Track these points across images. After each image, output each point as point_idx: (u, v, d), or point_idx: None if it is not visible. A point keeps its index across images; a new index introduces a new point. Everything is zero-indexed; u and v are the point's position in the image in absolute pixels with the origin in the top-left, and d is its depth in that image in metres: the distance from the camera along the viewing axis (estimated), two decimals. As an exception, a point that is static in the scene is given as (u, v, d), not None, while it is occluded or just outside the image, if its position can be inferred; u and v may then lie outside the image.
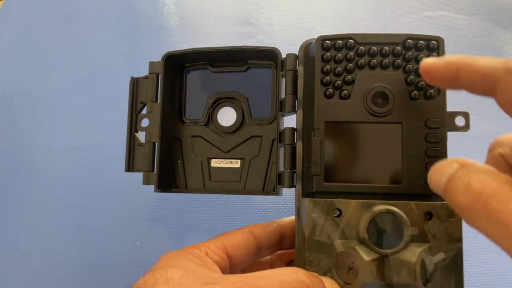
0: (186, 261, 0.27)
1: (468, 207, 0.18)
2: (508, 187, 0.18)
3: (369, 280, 0.26)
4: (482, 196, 0.18)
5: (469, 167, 0.19)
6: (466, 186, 0.19)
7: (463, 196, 0.19)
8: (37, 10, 0.69)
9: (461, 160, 0.20)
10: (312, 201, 0.28)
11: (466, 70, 0.22)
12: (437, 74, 0.24)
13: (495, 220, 0.17)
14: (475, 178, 0.19)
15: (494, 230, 0.17)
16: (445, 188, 0.20)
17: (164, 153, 0.38)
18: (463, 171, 0.19)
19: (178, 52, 0.38)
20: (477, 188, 0.18)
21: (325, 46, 0.30)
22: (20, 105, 0.60)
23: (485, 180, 0.18)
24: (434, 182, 0.21)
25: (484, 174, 0.19)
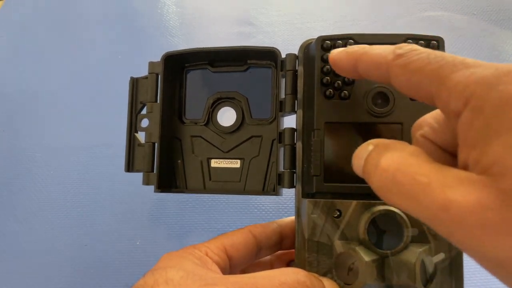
0: (186, 262, 0.27)
1: (381, 186, 0.18)
2: (414, 159, 0.18)
3: (369, 281, 0.26)
4: (389, 172, 0.18)
5: (380, 147, 0.19)
6: (375, 165, 0.19)
7: (375, 176, 0.19)
8: (37, 10, 0.69)
9: (375, 141, 0.20)
10: (312, 201, 0.28)
11: (363, 60, 0.22)
12: (340, 65, 0.24)
13: (405, 194, 0.17)
14: (383, 156, 0.19)
15: (407, 204, 0.17)
16: (363, 171, 0.20)
17: (164, 153, 0.38)
18: (375, 151, 0.19)
19: (178, 52, 0.38)
20: (384, 165, 0.18)
21: (325, 46, 0.30)
22: (20, 105, 0.60)
23: (391, 156, 0.18)
24: (355, 168, 0.21)
25: (393, 150, 0.19)
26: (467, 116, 0.16)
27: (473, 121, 0.16)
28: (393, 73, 0.20)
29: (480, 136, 0.15)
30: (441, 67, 0.17)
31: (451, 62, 0.17)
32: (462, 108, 0.16)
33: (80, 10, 0.68)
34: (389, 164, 0.18)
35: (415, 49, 0.19)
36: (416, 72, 0.19)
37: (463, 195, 0.15)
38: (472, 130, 0.16)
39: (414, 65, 0.19)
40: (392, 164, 0.18)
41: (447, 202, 0.15)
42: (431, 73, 0.18)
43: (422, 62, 0.18)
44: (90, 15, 0.67)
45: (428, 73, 0.18)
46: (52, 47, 0.64)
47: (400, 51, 0.20)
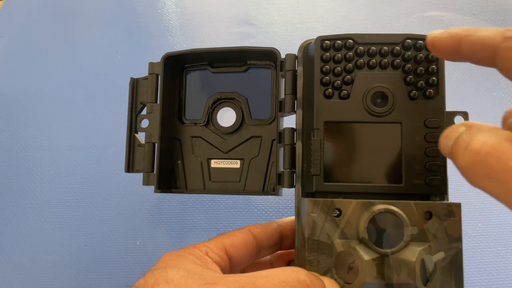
0: (186, 261, 0.27)
1: (468, 166, 0.18)
2: (507, 143, 0.17)
3: (369, 280, 0.26)
4: (481, 154, 0.18)
5: (473, 128, 0.19)
6: (466, 146, 0.19)
7: (463, 156, 0.19)
8: (37, 10, 0.69)
9: (467, 122, 0.20)
10: (312, 201, 0.28)
11: (468, 41, 0.22)
12: (441, 46, 0.24)
13: (494, 177, 0.17)
14: (475, 138, 0.18)
15: (495, 188, 0.17)
16: (451, 152, 0.20)
17: (164, 153, 0.38)
18: (466, 133, 0.19)
19: (178, 53, 0.38)
20: (476, 147, 0.18)
21: (324, 46, 0.30)
22: (20, 105, 0.60)
23: (484, 139, 0.18)
24: (442, 148, 0.21)
25: (485, 133, 0.19)
26: None
27: None
28: (500, 55, 0.20)
29: None
30: None
31: None
32: None
33: (80, 10, 0.68)
34: (481, 146, 0.18)
35: None
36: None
37: None
38: None
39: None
40: (484, 146, 0.18)
41: None
42: None
43: None
44: (90, 15, 0.67)
45: None
46: (52, 47, 0.64)
47: (510, 33, 0.19)
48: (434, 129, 0.29)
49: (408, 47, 0.30)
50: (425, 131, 0.29)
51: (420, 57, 0.29)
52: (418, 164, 0.29)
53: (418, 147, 0.29)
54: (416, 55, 0.30)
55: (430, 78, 0.29)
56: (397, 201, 0.27)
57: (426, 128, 0.29)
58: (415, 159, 0.29)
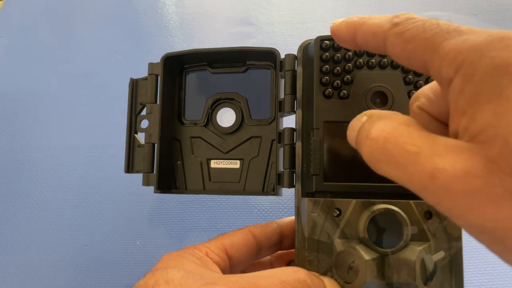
0: (186, 262, 0.27)
1: (370, 155, 0.18)
2: (404, 127, 0.17)
3: (369, 279, 0.26)
4: (379, 142, 0.18)
5: (373, 117, 0.19)
6: (366, 135, 0.19)
7: (365, 146, 0.19)
8: (37, 10, 0.69)
9: (369, 112, 0.20)
10: (312, 200, 0.28)
11: (361, 30, 0.22)
12: (340, 35, 0.24)
13: (394, 163, 0.17)
14: (375, 126, 0.18)
15: (397, 174, 0.17)
16: (356, 142, 0.20)
17: (163, 154, 0.38)
18: (368, 122, 0.19)
19: (177, 53, 0.38)
20: (375, 135, 0.18)
21: (323, 46, 0.30)
22: (20, 105, 0.60)
23: (382, 126, 0.18)
24: (349, 140, 0.21)
25: (384, 120, 0.19)
26: (457, 83, 0.16)
27: (464, 88, 0.16)
28: (389, 42, 0.20)
29: (470, 103, 0.15)
30: (435, 35, 0.17)
31: (445, 30, 0.17)
32: (453, 76, 0.16)
33: (80, 10, 0.68)
34: (379, 134, 0.18)
35: (411, 18, 0.19)
36: (411, 40, 0.18)
37: (451, 163, 0.15)
38: (462, 97, 0.16)
39: (409, 33, 0.19)
40: (382, 134, 0.18)
41: (435, 171, 0.15)
42: (425, 41, 0.18)
43: (417, 30, 0.18)
44: (90, 15, 0.67)
45: (422, 41, 0.18)
46: (52, 47, 0.64)
47: (397, 19, 0.20)
48: (433, 129, 0.29)
49: (407, 46, 0.30)
50: None
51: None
52: None
53: None
54: (416, 54, 0.30)
55: (429, 77, 0.29)
56: (397, 201, 0.27)
57: None
58: None
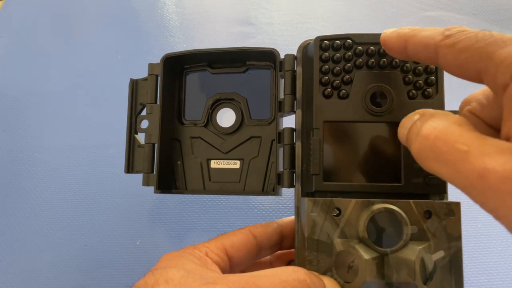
0: (186, 262, 0.27)
1: (419, 152, 0.19)
2: (455, 126, 0.18)
3: (369, 279, 0.26)
4: (430, 139, 0.18)
5: (426, 115, 0.20)
6: (417, 132, 0.19)
7: (415, 142, 0.19)
8: (37, 10, 0.69)
9: (421, 110, 0.21)
10: (312, 200, 0.28)
11: (412, 41, 0.23)
12: (390, 45, 0.25)
13: (443, 161, 0.17)
14: (426, 124, 0.19)
15: (445, 172, 0.17)
16: (406, 140, 0.21)
17: (163, 154, 0.38)
18: (420, 120, 0.20)
19: (177, 54, 0.38)
20: (426, 132, 0.19)
21: (323, 46, 0.30)
22: (20, 105, 0.60)
23: (434, 124, 0.19)
24: (400, 137, 0.22)
25: (436, 118, 0.19)
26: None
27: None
28: (441, 53, 0.20)
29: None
30: (489, 44, 0.18)
31: (499, 39, 0.18)
32: (509, 81, 0.17)
33: (80, 10, 0.68)
34: (431, 132, 0.18)
35: (464, 30, 0.20)
36: (464, 51, 0.19)
37: (501, 164, 0.15)
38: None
39: (462, 44, 0.19)
40: (433, 131, 0.18)
41: (485, 170, 0.15)
42: (479, 50, 0.18)
43: (470, 40, 0.19)
44: (90, 15, 0.67)
45: (475, 51, 0.18)
46: (52, 47, 0.64)
47: (449, 32, 0.20)
48: (433, 129, 0.29)
49: (407, 46, 0.30)
50: None
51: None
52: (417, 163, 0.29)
53: None
54: (415, 54, 0.30)
55: (429, 77, 0.29)
56: (397, 200, 0.27)
57: None
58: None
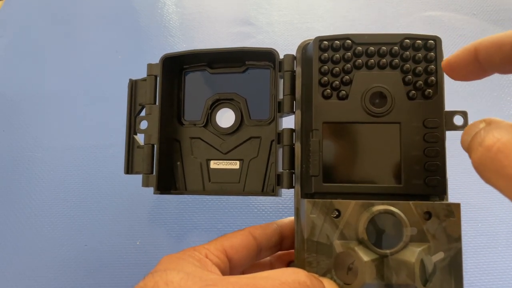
0: (186, 264, 0.27)
1: (480, 162, 0.18)
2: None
3: (369, 281, 0.26)
4: (492, 151, 0.18)
5: (492, 125, 0.19)
6: (480, 142, 0.19)
7: (476, 152, 0.19)
8: (37, 10, 0.69)
9: (488, 119, 0.20)
10: (311, 201, 0.28)
11: (483, 46, 0.22)
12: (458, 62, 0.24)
13: (503, 174, 0.17)
14: (490, 134, 0.18)
15: (504, 186, 0.17)
16: (468, 147, 0.20)
17: (163, 155, 0.38)
18: (485, 129, 0.19)
19: (176, 54, 0.38)
20: (488, 143, 0.18)
21: (322, 47, 0.30)
22: (20, 105, 0.60)
23: (499, 135, 0.18)
24: (462, 143, 0.21)
25: (501, 130, 0.18)
26: None
27: None
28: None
29: None
30: None
31: None
32: None
33: (80, 10, 0.68)
34: (494, 143, 0.18)
35: None
36: None
37: None
38: None
39: None
40: (496, 143, 0.18)
41: None
42: None
43: None
44: (90, 15, 0.67)
45: None
46: (52, 47, 0.64)
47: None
48: (433, 129, 0.29)
49: (406, 47, 0.30)
50: (424, 131, 0.29)
51: (419, 57, 0.29)
52: (417, 164, 0.29)
53: (417, 147, 0.29)
54: (415, 55, 0.30)
55: (428, 78, 0.29)
56: (396, 202, 0.27)
57: (425, 128, 0.29)
58: (414, 159, 0.29)
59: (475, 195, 0.48)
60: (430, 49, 0.30)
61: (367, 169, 0.30)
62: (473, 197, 0.48)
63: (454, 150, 0.32)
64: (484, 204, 0.48)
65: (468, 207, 0.47)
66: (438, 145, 0.29)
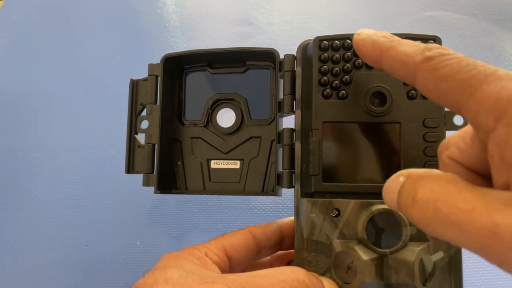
0: (185, 262, 0.27)
1: (422, 218, 0.17)
2: (452, 186, 0.17)
3: (368, 280, 0.26)
4: (430, 204, 0.17)
5: (413, 177, 0.18)
6: (413, 198, 0.18)
7: (413, 209, 0.18)
8: (37, 10, 0.69)
9: (405, 171, 0.19)
10: (311, 201, 0.28)
11: (388, 55, 0.21)
12: (364, 51, 0.23)
13: (448, 223, 0.16)
14: (419, 187, 0.18)
15: (453, 234, 0.16)
16: (398, 206, 0.19)
17: (164, 154, 0.38)
18: (408, 183, 0.18)
19: (177, 54, 0.38)
20: (423, 197, 0.17)
21: (322, 47, 0.30)
22: (20, 105, 0.60)
23: (429, 186, 0.17)
24: (387, 201, 0.20)
25: (427, 180, 0.18)
26: (502, 133, 0.15)
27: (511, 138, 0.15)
28: (420, 76, 0.19)
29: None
30: (472, 77, 0.16)
31: (482, 72, 0.16)
32: (493, 124, 0.16)
33: (80, 10, 0.68)
34: (428, 195, 0.17)
35: (446, 53, 0.18)
36: (445, 80, 0.18)
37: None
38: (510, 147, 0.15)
39: (443, 71, 0.18)
40: (431, 195, 0.17)
41: (495, 227, 0.14)
42: (461, 82, 0.17)
43: (452, 69, 0.17)
44: (90, 15, 0.67)
45: (457, 82, 0.17)
46: (52, 47, 0.64)
47: (430, 53, 0.19)
48: (432, 129, 0.29)
49: (406, 47, 0.30)
50: (424, 130, 0.29)
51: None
52: (417, 164, 0.29)
53: (417, 147, 0.29)
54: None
55: None
56: None
57: (424, 127, 0.29)
58: (414, 158, 0.29)
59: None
60: None
61: (366, 169, 0.30)
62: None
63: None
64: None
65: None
66: (438, 144, 0.29)
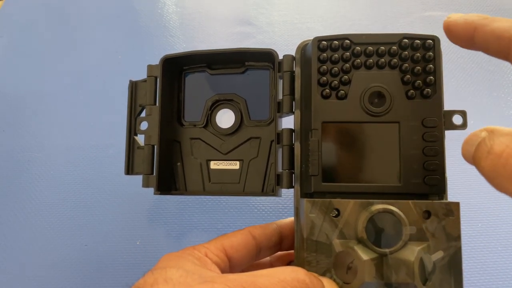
0: (185, 262, 0.27)
1: (491, 170, 0.18)
2: None
3: (368, 280, 0.26)
4: (502, 157, 0.18)
5: (495, 132, 0.19)
6: (488, 150, 0.19)
7: (486, 160, 0.18)
8: (37, 10, 0.69)
9: (489, 127, 0.20)
10: (311, 201, 0.28)
11: (482, 30, 0.22)
12: (455, 32, 0.23)
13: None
14: (497, 141, 0.18)
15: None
16: (473, 157, 0.20)
17: (163, 155, 0.38)
18: (488, 137, 0.19)
19: (176, 55, 0.38)
20: (498, 150, 0.18)
21: (321, 47, 0.30)
22: (20, 105, 0.60)
23: (506, 142, 0.18)
24: (464, 154, 0.21)
25: (507, 136, 0.18)
26: None
27: None
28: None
29: None
30: None
31: None
32: None
33: (80, 10, 0.68)
34: (503, 149, 0.18)
35: None
36: None
37: None
38: None
39: None
40: (506, 149, 0.18)
41: None
42: None
43: None
44: (90, 15, 0.67)
45: None
46: (52, 47, 0.64)
47: None
48: (431, 128, 0.29)
49: (405, 46, 0.30)
50: (423, 130, 0.29)
51: (417, 56, 0.30)
52: (416, 164, 0.29)
53: (416, 147, 0.29)
54: (413, 54, 0.30)
55: (427, 77, 0.29)
56: (396, 201, 0.27)
57: (424, 127, 0.29)
58: (413, 158, 0.29)
59: (475, 195, 0.48)
60: (428, 48, 0.30)
61: (366, 169, 0.30)
62: (473, 197, 0.48)
63: (453, 150, 0.32)
64: (484, 204, 0.48)
65: (468, 207, 0.47)
66: (437, 144, 0.29)
